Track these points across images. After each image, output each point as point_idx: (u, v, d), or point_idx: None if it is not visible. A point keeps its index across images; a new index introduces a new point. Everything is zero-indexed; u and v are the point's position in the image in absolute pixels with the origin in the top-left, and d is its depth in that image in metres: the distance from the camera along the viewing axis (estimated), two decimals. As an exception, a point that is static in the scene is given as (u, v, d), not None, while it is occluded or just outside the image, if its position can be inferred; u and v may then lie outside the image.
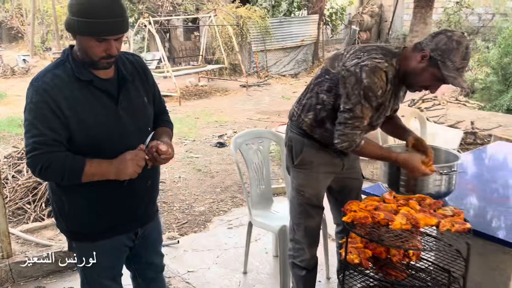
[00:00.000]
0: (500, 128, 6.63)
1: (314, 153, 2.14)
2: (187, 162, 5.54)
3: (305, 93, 2.16)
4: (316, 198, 2.20)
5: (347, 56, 1.97)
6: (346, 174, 2.27)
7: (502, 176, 2.78)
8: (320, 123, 2.08)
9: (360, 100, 1.88)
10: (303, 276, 2.28)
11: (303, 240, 2.23)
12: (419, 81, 1.92)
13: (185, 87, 11.45)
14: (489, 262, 2.36)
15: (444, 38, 1.82)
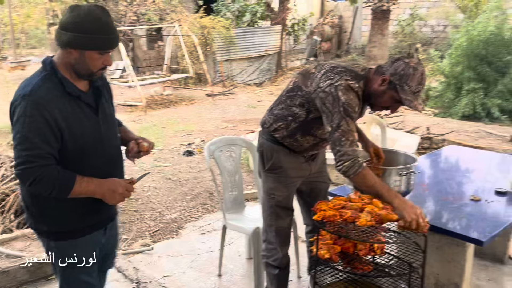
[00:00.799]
0: (453, 133, 7.06)
1: (284, 159, 2.28)
2: (156, 171, 5.58)
3: (276, 104, 2.30)
4: (285, 200, 2.35)
5: (319, 77, 2.10)
6: (315, 178, 2.43)
7: (454, 176, 3.03)
8: (291, 133, 2.22)
9: (343, 116, 1.99)
10: (276, 275, 2.42)
11: (275, 240, 2.37)
12: (380, 102, 2.08)
13: (150, 97, 11.42)
14: (445, 254, 2.59)
15: (402, 64, 2.00)
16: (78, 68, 1.74)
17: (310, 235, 2.56)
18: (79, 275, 1.92)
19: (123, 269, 3.03)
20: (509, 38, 8.83)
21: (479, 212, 2.40)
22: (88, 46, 1.69)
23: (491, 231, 2.17)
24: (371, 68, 2.16)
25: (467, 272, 2.60)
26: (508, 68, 8.67)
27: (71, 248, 1.86)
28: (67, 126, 1.70)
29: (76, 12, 1.67)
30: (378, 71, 2.08)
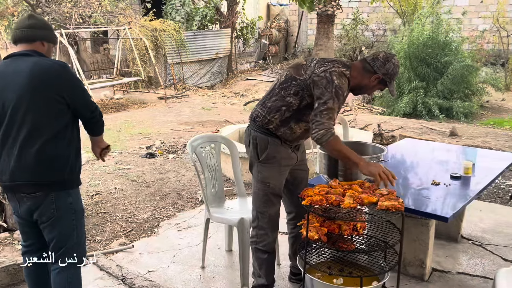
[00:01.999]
0: (400, 129, 7.58)
1: (277, 149, 2.49)
2: (119, 174, 5.54)
3: (269, 97, 2.49)
4: (278, 187, 2.55)
5: (313, 66, 2.38)
6: (298, 167, 2.64)
7: (414, 165, 3.36)
8: (285, 122, 2.43)
9: (332, 96, 2.28)
10: (265, 259, 2.59)
11: (267, 226, 2.55)
12: (366, 91, 2.49)
13: (100, 101, 11.17)
14: (411, 235, 2.88)
15: (392, 65, 2.39)
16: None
17: (292, 222, 2.76)
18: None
19: (106, 267, 3.06)
20: (444, 41, 9.59)
21: (440, 194, 2.71)
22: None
23: (454, 209, 2.47)
24: (353, 61, 2.52)
25: (430, 249, 2.92)
26: (445, 69, 9.41)
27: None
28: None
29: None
30: (367, 68, 2.40)
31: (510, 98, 11.01)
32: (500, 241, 3.48)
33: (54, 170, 2.13)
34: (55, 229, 2.19)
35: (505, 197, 4.61)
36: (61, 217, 2.17)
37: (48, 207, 2.13)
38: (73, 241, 2.23)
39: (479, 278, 2.95)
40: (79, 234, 2.27)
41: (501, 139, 7.29)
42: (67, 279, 2.23)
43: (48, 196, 2.13)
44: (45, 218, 2.16)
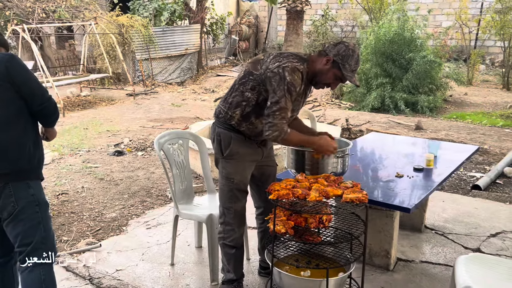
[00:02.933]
0: (367, 124, 7.74)
1: (240, 145, 2.50)
2: (87, 173, 5.44)
3: (230, 93, 2.50)
4: (243, 183, 2.56)
5: (268, 61, 2.37)
6: (265, 162, 2.66)
7: (380, 158, 3.44)
8: (246, 117, 2.44)
9: (285, 94, 2.28)
10: (233, 254, 2.61)
11: (233, 221, 2.57)
12: (324, 79, 2.40)
13: (66, 98, 10.89)
14: (377, 226, 2.96)
15: (343, 47, 2.36)
16: None
17: (260, 216, 2.79)
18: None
19: (73, 267, 3.01)
20: (410, 38, 9.82)
21: (403, 186, 2.79)
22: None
23: (416, 200, 2.55)
24: (312, 53, 2.50)
25: (395, 240, 3.01)
26: (410, 65, 9.64)
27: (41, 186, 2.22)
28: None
29: None
30: (321, 53, 2.41)
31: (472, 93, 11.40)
32: (461, 230, 3.62)
33: (9, 160, 2.05)
34: (19, 224, 2.09)
35: (467, 188, 4.78)
36: (23, 210, 2.09)
37: (7, 200, 2.06)
38: (40, 235, 2.14)
39: (441, 266, 3.06)
40: (46, 228, 2.19)
41: (463, 132, 7.55)
42: (40, 277, 2.13)
43: (5, 189, 2.05)
44: (6, 214, 2.08)
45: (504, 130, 7.72)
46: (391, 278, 2.89)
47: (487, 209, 4.06)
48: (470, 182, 4.99)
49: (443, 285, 2.80)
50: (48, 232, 2.20)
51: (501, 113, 9.14)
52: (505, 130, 7.76)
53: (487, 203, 4.24)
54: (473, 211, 4.03)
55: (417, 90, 9.71)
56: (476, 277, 2.14)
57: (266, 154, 2.66)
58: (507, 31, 11.05)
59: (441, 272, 2.98)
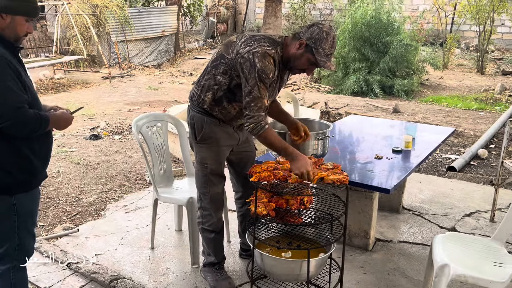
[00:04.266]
0: (346, 107, 7.79)
1: (214, 129, 2.42)
2: (62, 157, 5.31)
3: (203, 75, 2.42)
4: (218, 168, 2.50)
5: (240, 44, 2.25)
6: (243, 148, 2.62)
7: (359, 140, 3.46)
8: (218, 102, 2.36)
9: (257, 82, 2.17)
10: (212, 238, 2.59)
11: (209, 206, 2.53)
12: (298, 64, 2.26)
13: (38, 81, 10.58)
14: (356, 207, 2.99)
15: (317, 29, 2.19)
16: (7, 32, 1.87)
17: (240, 201, 2.77)
18: (31, 227, 2.05)
19: (49, 253, 2.94)
20: (386, 21, 9.86)
21: (383, 167, 2.82)
22: (17, 11, 1.86)
23: (395, 182, 2.58)
24: (287, 36, 2.35)
25: (374, 221, 3.05)
26: (387, 48, 9.70)
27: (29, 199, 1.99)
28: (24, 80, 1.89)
29: None
30: (295, 37, 2.25)
31: (448, 76, 11.59)
32: (437, 210, 3.70)
33: None
34: None
35: (442, 170, 4.88)
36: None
37: None
38: (13, 244, 1.98)
39: (418, 245, 3.13)
40: (22, 236, 2.00)
41: (439, 115, 7.69)
42: (10, 281, 2.02)
43: None
44: None
45: (478, 113, 7.89)
46: (370, 258, 2.94)
47: (462, 190, 4.16)
48: (446, 163, 5.10)
49: (420, 263, 2.87)
50: (23, 239, 2.01)
51: (475, 96, 9.33)
52: (479, 113, 7.93)
53: (462, 184, 4.34)
54: (448, 192, 4.12)
55: (394, 74, 9.81)
56: (453, 255, 2.19)
57: (244, 140, 2.60)
58: (482, 16, 11.22)
59: (418, 251, 3.04)
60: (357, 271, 2.79)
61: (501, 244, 2.31)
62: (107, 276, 2.66)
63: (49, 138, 2.02)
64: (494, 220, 3.49)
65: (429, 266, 2.43)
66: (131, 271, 2.76)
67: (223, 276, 2.59)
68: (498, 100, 8.92)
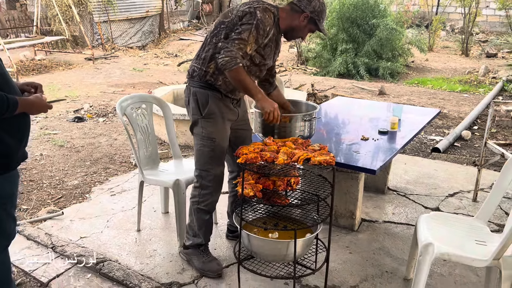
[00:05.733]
0: (332, 89, 7.78)
1: (218, 103, 2.44)
2: (45, 140, 5.22)
3: (202, 49, 2.42)
4: (224, 143, 2.51)
5: (238, 7, 2.34)
6: (240, 125, 2.63)
7: (345, 121, 3.47)
8: (221, 70, 2.33)
9: (251, 28, 2.23)
10: (207, 220, 2.56)
11: (210, 184, 2.50)
12: (300, 34, 2.45)
13: (19, 62, 10.33)
14: (342, 188, 3.00)
15: (318, 2, 2.39)
16: None
17: (234, 181, 2.75)
18: (11, 210, 1.91)
19: (34, 236, 2.91)
20: (373, 3, 9.82)
21: (369, 148, 2.83)
22: None
23: (381, 162, 2.59)
24: (280, 6, 2.49)
25: (359, 201, 3.07)
26: (373, 31, 9.69)
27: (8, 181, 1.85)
28: None
29: None
30: (294, 9, 2.40)
31: (433, 59, 11.65)
32: (422, 190, 3.75)
33: None
34: None
35: (427, 151, 4.94)
36: None
37: None
38: None
39: (403, 225, 3.17)
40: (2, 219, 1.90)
41: (424, 97, 7.74)
42: None
43: None
44: None
45: (462, 95, 7.97)
46: (356, 238, 2.98)
47: (445, 171, 4.22)
48: (430, 145, 5.15)
49: (405, 243, 2.91)
50: (3, 223, 1.91)
51: (460, 78, 9.41)
52: (463, 95, 8.01)
53: (446, 165, 4.40)
54: (433, 172, 4.17)
55: (379, 57, 9.81)
56: (437, 234, 2.22)
57: (241, 117, 2.62)
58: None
59: (403, 231, 3.09)
60: (343, 251, 2.82)
61: (483, 223, 2.35)
62: (93, 259, 2.64)
63: (25, 119, 1.90)
64: (477, 200, 3.55)
65: (413, 245, 2.47)
66: (118, 253, 2.75)
67: (210, 258, 2.58)
68: (482, 82, 9.02)
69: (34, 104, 1.85)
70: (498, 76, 9.18)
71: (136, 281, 2.44)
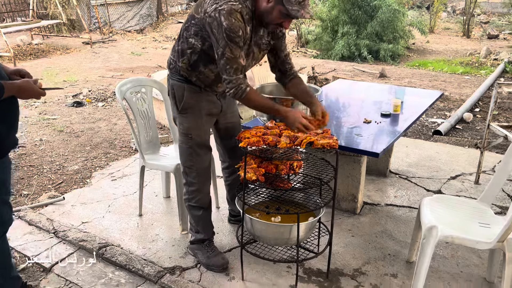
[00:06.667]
0: (333, 72, 7.72)
1: (196, 97, 2.29)
2: (44, 125, 5.19)
3: (178, 40, 2.29)
4: (203, 138, 2.36)
5: (208, 2, 2.11)
6: (228, 118, 2.52)
7: (347, 104, 3.43)
8: (194, 66, 2.23)
9: (227, 43, 2.01)
10: (200, 215, 2.49)
11: (195, 181, 2.41)
12: (271, 19, 2.08)
13: (16, 46, 10.23)
14: (344, 171, 2.99)
15: None
16: None
17: (227, 170, 2.71)
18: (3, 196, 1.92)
19: (35, 221, 2.90)
20: (375, -17, 9.68)
21: (371, 131, 2.80)
22: None
23: (384, 145, 2.57)
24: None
25: (362, 185, 3.06)
26: (375, 12, 9.57)
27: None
28: None
29: None
30: None
31: (434, 40, 11.54)
32: (423, 173, 3.74)
33: None
34: None
35: (428, 133, 4.92)
36: None
37: None
38: None
39: (405, 208, 3.16)
40: None
41: (425, 79, 7.69)
42: None
43: None
44: None
45: (463, 77, 7.92)
46: (358, 221, 2.97)
47: (447, 153, 4.20)
48: (432, 127, 5.13)
49: (407, 226, 2.91)
50: None
51: (461, 60, 9.33)
52: (464, 77, 7.96)
53: (448, 148, 4.38)
54: (434, 155, 4.15)
55: (380, 39, 9.71)
56: (440, 216, 2.21)
57: (228, 109, 2.49)
58: (470, -22, 11.09)
59: (405, 214, 3.09)
60: (345, 234, 2.82)
61: (487, 205, 2.34)
62: (95, 244, 2.64)
63: (14, 104, 1.86)
64: (479, 183, 3.54)
65: (416, 228, 2.47)
66: (120, 238, 2.74)
67: (214, 252, 2.50)
68: (484, 64, 8.95)
69: (21, 88, 1.80)
70: (500, 57, 9.10)
71: (139, 266, 2.44)
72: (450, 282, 2.38)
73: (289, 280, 2.36)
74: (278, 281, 2.35)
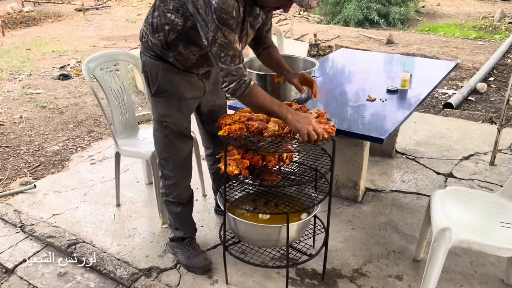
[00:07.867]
0: (336, 39, 7.25)
1: (172, 78, 1.92)
2: (26, 100, 4.86)
3: (152, 11, 1.88)
4: (181, 127, 2.02)
5: None
6: (211, 100, 2.17)
7: (350, 78, 3.06)
8: (172, 46, 1.84)
9: (218, 26, 1.63)
10: (179, 212, 2.17)
11: (172, 174, 2.08)
12: (268, 2, 1.75)
13: (6, 14, 9.78)
14: (345, 156, 2.66)
15: None
16: None
17: (210, 157, 2.40)
18: None
19: (1, 213, 2.63)
20: None
21: (376, 111, 2.45)
22: None
23: (389, 129, 2.23)
24: None
25: (364, 170, 2.73)
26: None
27: None
28: None
29: None
30: None
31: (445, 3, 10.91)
32: (433, 153, 3.40)
33: None
34: None
35: (438, 106, 4.54)
36: None
37: None
38: None
39: (412, 194, 2.85)
40: None
41: (435, 45, 7.21)
42: None
43: None
44: None
45: (476, 43, 7.42)
46: (359, 211, 2.67)
47: (459, 129, 3.85)
48: (442, 100, 4.75)
49: (415, 216, 2.60)
50: None
51: (474, 24, 8.79)
52: (477, 42, 7.46)
53: (460, 123, 4.02)
54: (445, 131, 3.80)
55: (389, 1, 9.15)
56: (454, 215, 1.90)
57: (211, 88, 2.12)
58: None
59: (412, 201, 2.77)
60: (344, 227, 2.52)
61: (510, 200, 2.02)
62: (64, 241, 2.36)
63: None
64: (495, 164, 3.21)
65: (425, 222, 2.16)
66: (93, 233, 2.46)
67: (196, 252, 2.21)
68: (498, 28, 8.41)
69: None
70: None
71: (111, 267, 2.17)
72: (462, 284, 2.09)
73: (279, 283, 2.08)
74: (266, 285, 2.08)
